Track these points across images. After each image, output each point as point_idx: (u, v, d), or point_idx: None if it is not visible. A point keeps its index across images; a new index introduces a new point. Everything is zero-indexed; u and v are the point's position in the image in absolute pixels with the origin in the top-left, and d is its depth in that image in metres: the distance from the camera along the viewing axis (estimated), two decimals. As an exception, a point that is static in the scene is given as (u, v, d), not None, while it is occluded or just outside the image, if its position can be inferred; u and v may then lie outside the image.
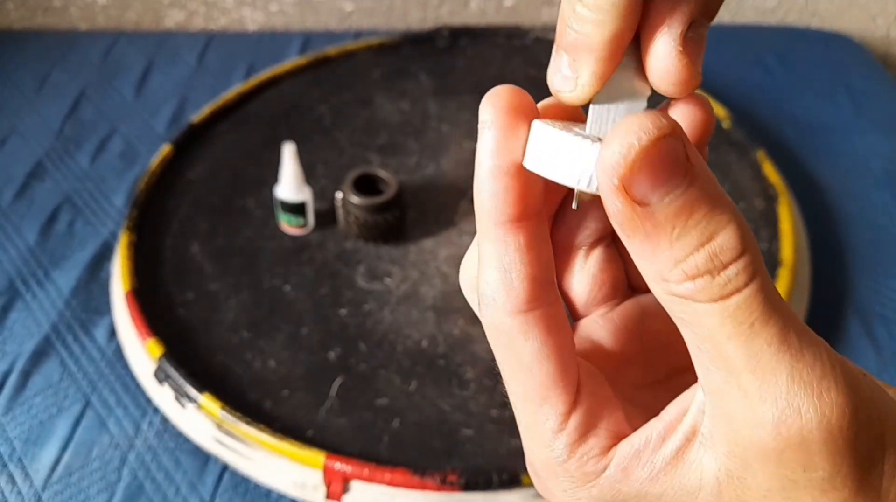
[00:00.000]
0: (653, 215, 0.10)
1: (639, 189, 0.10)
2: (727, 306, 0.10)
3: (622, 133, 0.10)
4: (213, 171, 0.45)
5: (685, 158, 0.10)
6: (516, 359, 0.12)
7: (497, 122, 0.11)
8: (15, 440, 0.35)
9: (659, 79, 0.11)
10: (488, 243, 0.12)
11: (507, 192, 0.11)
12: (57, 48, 0.57)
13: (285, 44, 0.58)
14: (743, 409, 0.10)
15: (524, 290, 0.11)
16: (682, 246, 0.10)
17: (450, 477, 0.30)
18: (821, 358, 0.10)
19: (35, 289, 0.41)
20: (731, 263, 0.10)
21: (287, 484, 0.32)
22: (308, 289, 0.39)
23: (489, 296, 0.12)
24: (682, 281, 0.10)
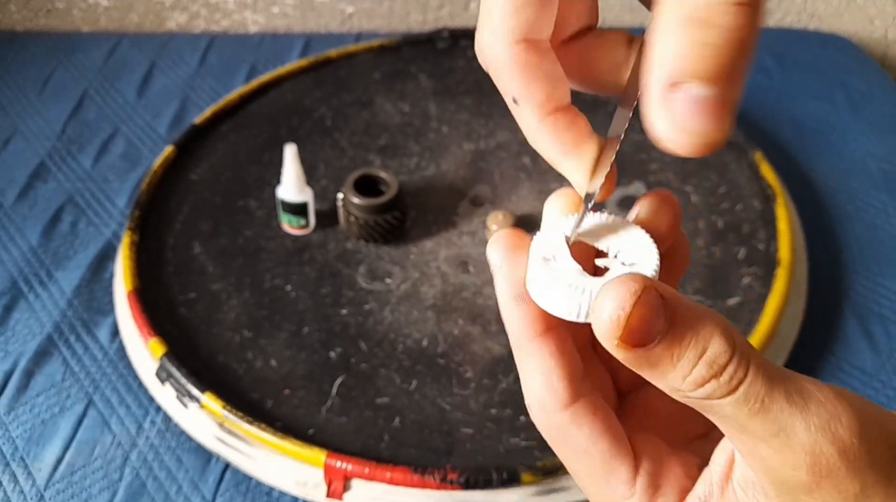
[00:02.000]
0: (652, 352, 0.12)
1: (634, 341, 0.12)
2: (737, 397, 0.12)
3: (609, 307, 0.12)
4: (215, 172, 0.45)
5: (661, 303, 0.12)
6: (574, 447, 0.14)
7: (504, 263, 0.14)
8: (17, 439, 0.35)
9: (648, 132, 0.12)
10: (525, 357, 0.14)
11: (528, 315, 0.14)
12: (59, 50, 0.58)
13: (287, 45, 0.58)
14: (778, 462, 0.12)
15: (565, 388, 0.14)
16: (683, 366, 0.12)
17: (450, 475, 0.31)
18: (823, 402, 0.12)
19: (38, 289, 0.41)
20: (728, 364, 0.12)
21: (288, 482, 0.32)
22: (309, 289, 0.39)
23: (537, 402, 0.14)
24: (693, 389, 0.12)
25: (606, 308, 0.12)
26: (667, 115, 0.11)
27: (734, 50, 0.10)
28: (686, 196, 0.44)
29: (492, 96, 0.52)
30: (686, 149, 0.11)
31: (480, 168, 0.46)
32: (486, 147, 0.47)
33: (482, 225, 0.42)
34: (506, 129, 0.48)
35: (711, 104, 0.10)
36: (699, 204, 0.44)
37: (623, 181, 0.44)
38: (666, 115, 0.11)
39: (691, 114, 0.10)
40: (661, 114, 0.11)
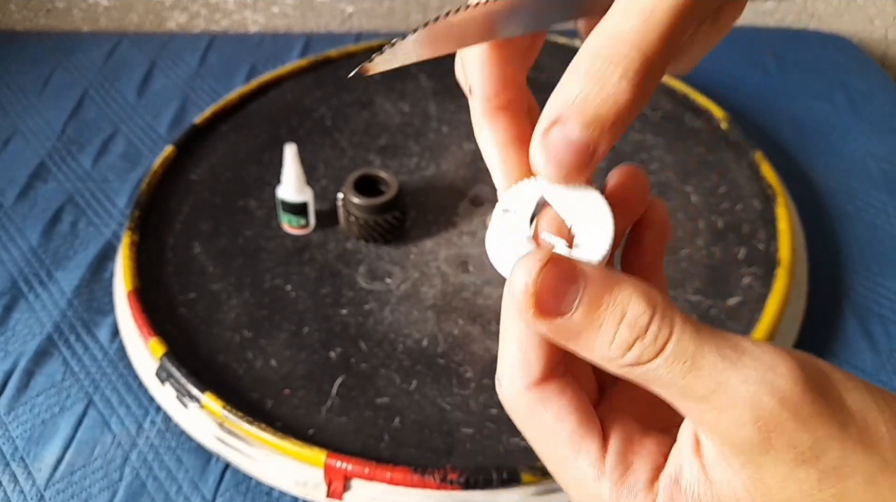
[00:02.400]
0: (572, 320, 0.12)
1: (550, 309, 0.12)
2: (666, 356, 0.12)
3: (515, 281, 0.13)
4: (215, 172, 0.45)
5: (572, 271, 0.12)
6: (540, 427, 0.14)
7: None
8: (17, 439, 0.35)
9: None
10: (508, 330, 0.14)
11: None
12: (59, 49, 0.58)
13: (287, 45, 0.58)
14: (725, 423, 0.12)
15: (539, 366, 0.14)
16: (606, 331, 0.12)
17: (450, 475, 0.31)
18: (759, 355, 0.12)
19: (38, 289, 0.41)
20: (650, 323, 0.12)
21: (288, 482, 0.32)
22: (309, 289, 0.39)
23: (508, 375, 0.14)
24: (622, 355, 0.12)
25: (517, 280, 0.12)
26: (543, 144, 0.13)
27: (612, 109, 0.12)
28: (686, 196, 0.44)
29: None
30: (549, 174, 0.13)
31: (480, 168, 0.46)
32: (486, 147, 0.47)
33: (482, 224, 0.42)
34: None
35: (578, 144, 0.13)
36: (699, 204, 0.44)
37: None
38: (542, 144, 0.13)
39: (560, 147, 0.13)
40: (539, 141, 0.13)
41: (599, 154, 0.13)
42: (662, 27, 0.12)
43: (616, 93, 0.12)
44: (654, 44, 0.12)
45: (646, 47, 0.12)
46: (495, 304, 0.39)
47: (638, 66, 0.12)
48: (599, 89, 0.12)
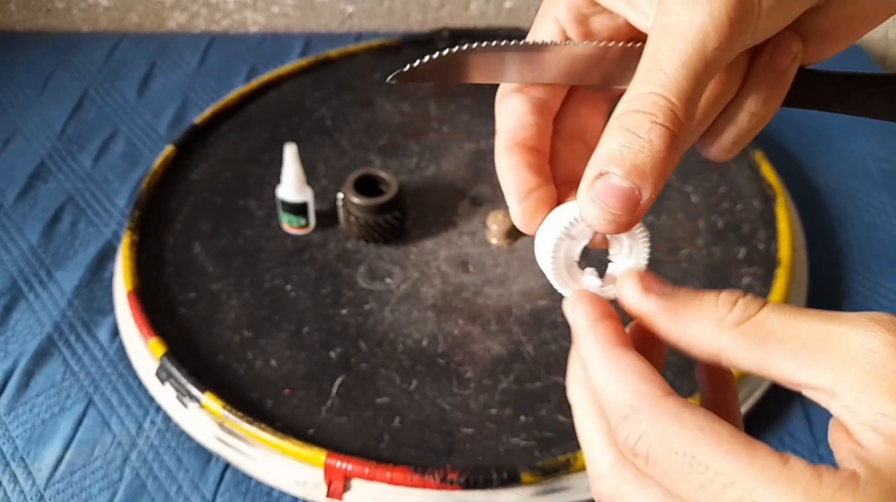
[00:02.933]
0: (678, 292, 0.15)
1: (657, 289, 0.15)
2: (770, 307, 0.13)
3: (624, 287, 0.15)
4: (215, 172, 0.45)
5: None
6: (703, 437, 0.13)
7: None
8: (17, 439, 0.35)
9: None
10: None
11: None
12: (59, 50, 0.58)
13: (287, 45, 0.58)
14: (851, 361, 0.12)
15: (661, 382, 0.14)
16: (708, 297, 0.14)
17: (450, 475, 0.31)
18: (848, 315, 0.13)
19: (38, 289, 0.41)
20: (740, 297, 0.14)
21: (288, 482, 0.32)
22: (309, 289, 0.39)
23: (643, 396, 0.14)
24: (729, 310, 0.14)
25: (626, 286, 0.15)
26: (590, 194, 0.14)
27: (648, 156, 0.13)
28: (686, 196, 0.44)
29: (491, 97, 0.52)
30: (599, 223, 0.14)
31: (480, 168, 0.46)
32: (486, 147, 0.47)
33: (482, 225, 0.42)
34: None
35: (623, 191, 0.14)
36: (699, 204, 0.44)
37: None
38: (588, 194, 0.14)
39: (606, 195, 0.14)
40: (585, 191, 0.14)
41: (645, 201, 0.14)
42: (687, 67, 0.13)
43: (650, 140, 0.13)
44: (680, 85, 0.13)
45: (673, 90, 0.13)
46: (495, 304, 0.39)
47: (667, 111, 0.13)
48: (634, 139, 0.13)
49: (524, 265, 0.40)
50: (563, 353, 0.36)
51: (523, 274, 0.40)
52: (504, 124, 0.17)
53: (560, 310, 0.39)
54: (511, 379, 0.35)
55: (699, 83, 0.14)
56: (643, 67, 0.14)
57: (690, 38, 0.13)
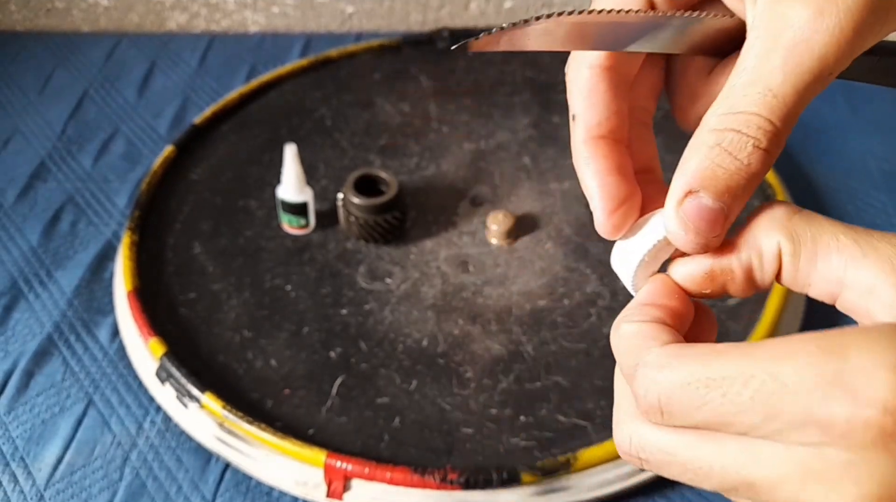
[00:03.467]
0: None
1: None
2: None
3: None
4: (215, 172, 0.45)
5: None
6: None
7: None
8: (17, 439, 0.35)
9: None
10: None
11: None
12: (60, 49, 0.58)
13: (287, 45, 0.58)
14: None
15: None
16: None
17: (450, 475, 0.31)
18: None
19: (38, 289, 0.41)
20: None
21: (288, 482, 0.32)
22: (309, 289, 0.39)
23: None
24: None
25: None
26: (678, 214, 0.13)
27: (744, 178, 0.13)
28: (686, 196, 0.44)
29: (492, 97, 0.52)
30: (687, 245, 0.14)
31: (480, 168, 0.46)
32: (486, 147, 0.47)
33: (482, 225, 0.42)
34: (505, 130, 0.48)
35: (713, 213, 0.13)
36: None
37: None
38: (677, 215, 0.13)
39: (696, 217, 0.13)
40: (674, 212, 0.13)
41: (732, 218, 0.13)
42: (798, 91, 0.12)
43: (748, 163, 0.13)
44: (788, 109, 0.12)
45: (780, 114, 0.12)
46: (495, 304, 0.39)
47: (771, 136, 0.13)
48: (731, 161, 0.13)
49: (524, 265, 0.40)
50: (563, 353, 0.36)
51: (523, 274, 0.40)
52: (583, 109, 0.15)
53: (560, 310, 0.39)
54: (511, 379, 0.35)
55: (808, 100, 0.13)
56: (746, 78, 0.13)
57: (808, 54, 0.12)
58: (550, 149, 0.46)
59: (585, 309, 0.38)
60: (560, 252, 0.40)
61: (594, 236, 0.42)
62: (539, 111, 0.49)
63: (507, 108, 0.49)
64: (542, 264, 0.40)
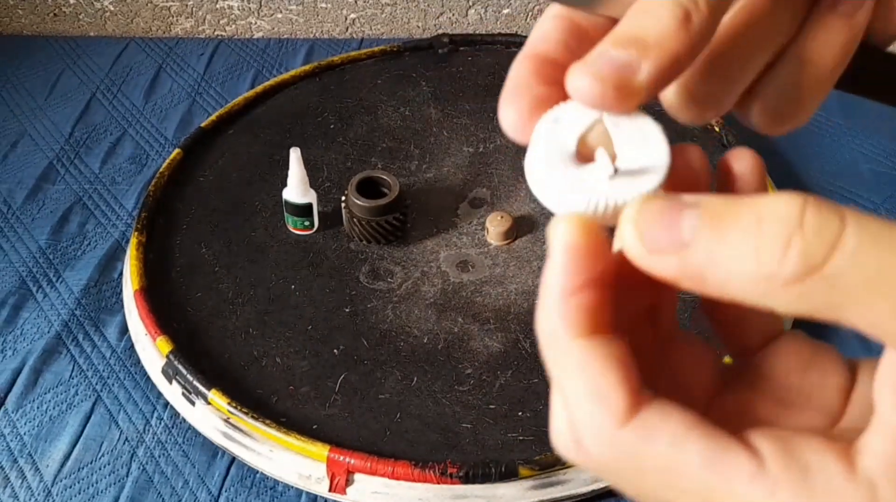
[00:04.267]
0: (698, 245, 0.10)
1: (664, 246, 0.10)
2: (850, 244, 0.09)
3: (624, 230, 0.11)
4: (221, 175, 0.46)
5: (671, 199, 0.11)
6: (657, 465, 0.10)
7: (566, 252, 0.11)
8: (25, 436, 0.36)
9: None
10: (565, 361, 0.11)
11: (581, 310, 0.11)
12: (67, 53, 0.58)
13: (291, 51, 0.59)
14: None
15: (628, 390, 0.10)
16: (745, 237, 0.09)
17: (450, 469, 0.31)
18: None
19: (46, 289, 0.42)
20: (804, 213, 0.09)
21: (292, 476, 0.33)
22: (313, 289, 0.40)
23: (589, 418, 0.10)
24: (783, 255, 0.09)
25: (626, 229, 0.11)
26: (579, 64, 0.11)
27: (653, 28, 0.11)
28: (681, 198, 0.45)
29: (490, 101, 0.53)
30: (583, 91, 0.11)
31: (480, 171, 0.46)
32: (485, 150, 0.48)
33: (481, 225, 0.43)
34: (504, 133, 0.49)
35: (617, 61, 0.11)
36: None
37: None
38: (578, 66, 0.11)
39: (599, 65, 0.11)
40: (576, 65, 0.11)
41: (643, 78, 0.11)
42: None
43: (657, 17, 0.11)
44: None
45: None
46: (494, 303, 0.39)
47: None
48: (641, 17, 0.11)
49: (522, 264, 0.41)
50: (561, 351, 0.37)
51: (521, 273, 0.41)
52: (530, 38, 0.13)
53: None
54: (509, 376, 0.36)
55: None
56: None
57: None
58: (548, 153, 0.47)
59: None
60: (558, 252, 0.41)
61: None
62: (537, 115, 0.50)
63: (506, 113, 0.50)
64: (539, 264, 0.41)
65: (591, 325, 0.11)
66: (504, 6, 0.61)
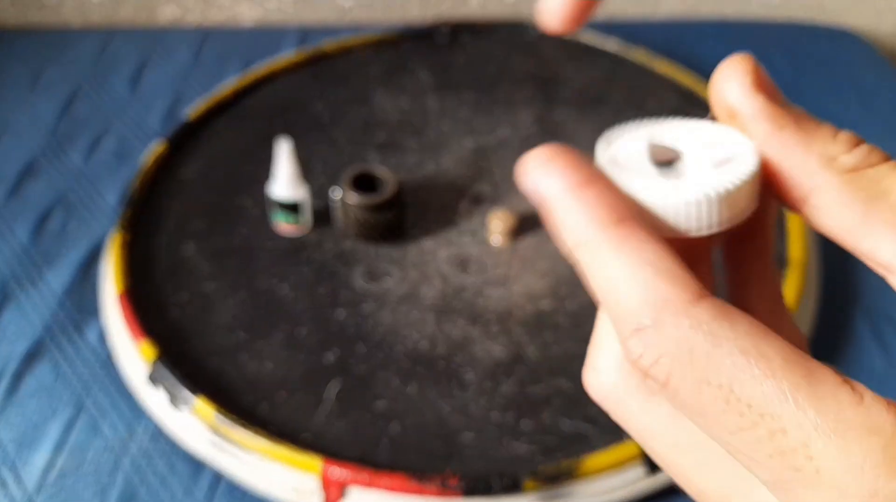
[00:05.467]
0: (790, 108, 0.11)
1: (772, 89, 0.11)
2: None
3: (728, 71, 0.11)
4: (208, 169, 0.44)
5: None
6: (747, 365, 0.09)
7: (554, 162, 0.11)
8: (8, 443, 0.34)
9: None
10: (609, 251, 0.10)
11: (605, 198, 0.10)
12: (50, 45, 0.57)
13: (282, 39, 0.57)
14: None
15: (688, 278, 0.09)
16: (825, 128, 0.10)
17: (450, 481, 0.30)
18: None
19: (28, 289, 0.41)
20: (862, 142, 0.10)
21: (284, 489, 0.31)
22: (305, 290, 0.38)
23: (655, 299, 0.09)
24: (847, 150, 0.10)
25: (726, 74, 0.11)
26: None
27: None
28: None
29: (493, 92, 0.51)
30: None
31: (481, 165, 0.45)
32: (487, 144, 0.46)
33: (483, 223, 0.41)
34: (507, 126, 0.47)
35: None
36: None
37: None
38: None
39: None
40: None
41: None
42: None
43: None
44: None
45: None
46: (496, 305, 0.38)
47: None
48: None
49: (526, 265, 0.39)
50: (567, 356, 0.35)
51: (525, 274, 0.39)
52: None
53: (563, 312, 0.38)
54: (512, 383, 0.34)
55: None
56: None
57: None
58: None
59: (590, 310, 0.37)
60: (563, 251, 0.40)
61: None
62: (542, 106, 0.48)
63: (508, 104, 0.48)
64: (544, 264, 0.39)
65: (622, 210, 0.10)
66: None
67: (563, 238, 0.11)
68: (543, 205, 0.11)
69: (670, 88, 0.48)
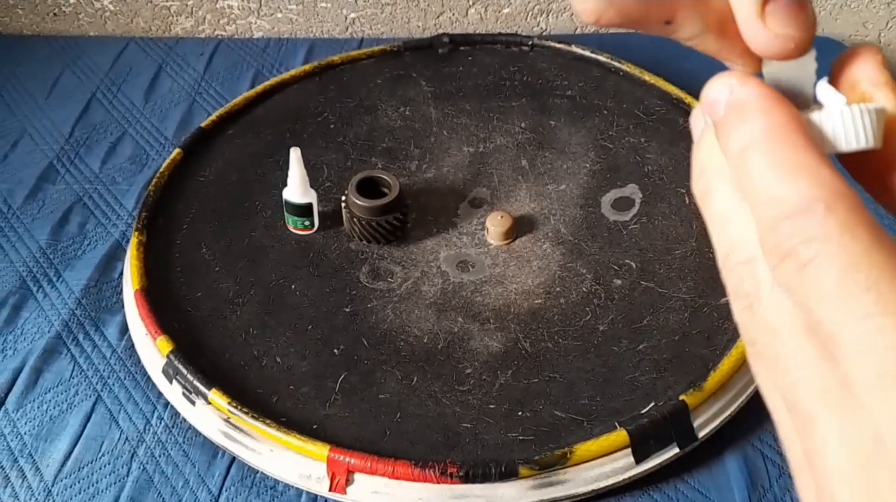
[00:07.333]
0: None
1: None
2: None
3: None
4: (221, 174, 0.46)
5: None
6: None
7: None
8: (26, 435, 0.36)
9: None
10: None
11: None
12: (67, 53, 0.58)
13: (291, 50, 0.59)
14: None
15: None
16: None
17: (450, 469, 0.31)
18: None
19: (46, 289, 0.42)
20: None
21: (292, 476, 0.33)
22: (313, 288, 0.40)
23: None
24: None
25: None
26: (764, 25, 0.12)
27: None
28: (681, 197, 0.45)
29: (490, 101, 0.53)
30: (781, 51, 0.12)
31: (479, 170, 0.46)
32: (484, 150, 0.48)
33: (481, 225, 0.43)
34: (504, 133, 0.49)
35: (795, 6, 0.12)
36: (695, 205, 0.44)
37: (617, 183, 0.45)
38: (763, 26, 0.12)
39: (784, 19, 0.12)
40: (758, 26, 0.12)
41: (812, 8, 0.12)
42: None
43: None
44: None
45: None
46: (494, 303, 0.39)
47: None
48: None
49: (522, 265, 0.41)
50: (560, 350, 0.37)
51: (521, 273, 0.41)
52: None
53: (556, 308, 0.40)
54: (509, 376, 0.36)
55: None
56: None
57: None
58: (548, 152, 0.47)
59: (581, 307, 0.39)
60: (557, 252, 0.41)
61: (589, 237, 0.43)
62: (536, 115, 0.50)
63: (505, 112, 0.50)
64: (539, 264, 0.41)
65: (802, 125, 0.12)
66: (504, 6, 0.61)
67: (738, 137, 0.12)
68: (732, 109, 0.12)
69: (657, 96, 0.50)
